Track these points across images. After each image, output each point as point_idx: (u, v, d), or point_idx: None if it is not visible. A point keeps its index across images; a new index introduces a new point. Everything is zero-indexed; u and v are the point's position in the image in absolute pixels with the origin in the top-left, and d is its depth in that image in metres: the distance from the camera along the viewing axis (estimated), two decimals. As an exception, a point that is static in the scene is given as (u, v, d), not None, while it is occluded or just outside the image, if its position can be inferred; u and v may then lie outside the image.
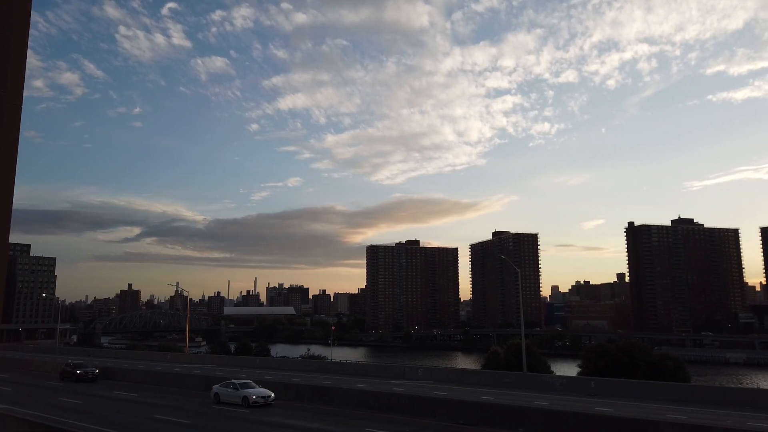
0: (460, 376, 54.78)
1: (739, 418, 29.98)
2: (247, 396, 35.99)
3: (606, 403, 35.03)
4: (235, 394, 36.78)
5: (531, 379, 46.99)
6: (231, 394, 37.06)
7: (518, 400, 35.64)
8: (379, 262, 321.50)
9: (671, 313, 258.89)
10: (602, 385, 43.34)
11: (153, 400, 39.29)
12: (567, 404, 33.79)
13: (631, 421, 27.63)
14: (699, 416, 30.35)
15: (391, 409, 33.91)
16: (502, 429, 28.50)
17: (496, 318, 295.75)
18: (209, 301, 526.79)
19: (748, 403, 36.19)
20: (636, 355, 57.43)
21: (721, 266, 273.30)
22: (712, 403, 36.32)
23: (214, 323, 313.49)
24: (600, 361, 58.64)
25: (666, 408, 33.74)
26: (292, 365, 68.37)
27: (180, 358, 77.81)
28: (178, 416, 32.12)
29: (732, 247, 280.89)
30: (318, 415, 33.12)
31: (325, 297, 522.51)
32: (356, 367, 66.29)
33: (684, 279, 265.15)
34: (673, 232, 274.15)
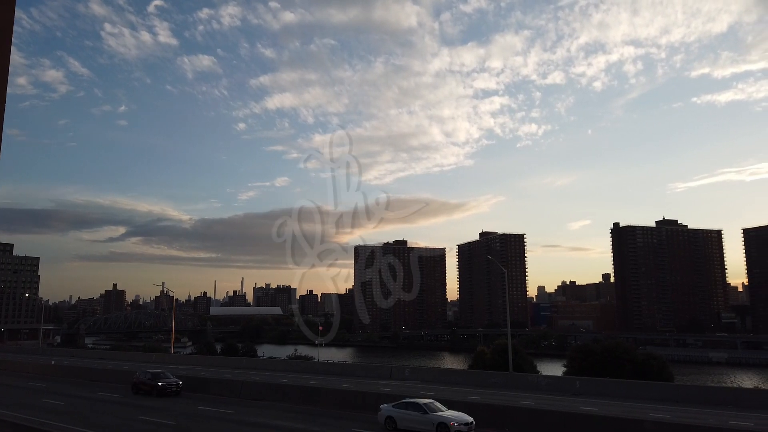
0: (447, 376, 54.98)
1: (721, 416, 30.41)
2: (444, 422, 27.05)
3: (591, 403, 35.34)
4: (423, 419, 27.86)
5: (517, 378, 47.29)
6: (416, 419, 28.11)
7: (504, 400, 35.85)
8: (365, 263, 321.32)
9: (655, 313, 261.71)
10: (587, 384, 43.73)
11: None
12: (552, 404, 34.06)
13: (616, 420, 27.93)
14: (682, 415, 30.74)
15: (378, 409, 33.92)
16: (488, 428, 28.63)
17: (483, 318, 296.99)
18: (195, 302, 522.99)
19: (730, 401, 36.75)
20: (620, 355, 57.99)
21: (705, 267, 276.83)
22: (695, 402, 36.81)
23: (200, 324, 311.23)
24: (585, 360, 59.14)
25: (650, 407, 34.13)
26: (279, 366, 68.15)
27: (165, 359, 77.19)
28: (164, 417, 31.89)
29: (715, 248, 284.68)
30: (305, 415, 33.07)
31: (312, 297, 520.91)
32: (343, 368, 66.30)
33: (668, 279, 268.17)
34: (658, 233, 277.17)
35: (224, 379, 46.43)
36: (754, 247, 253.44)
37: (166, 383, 41.68)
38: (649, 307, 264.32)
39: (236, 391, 42.19)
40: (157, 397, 40.54)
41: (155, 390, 41.36)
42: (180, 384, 42.41)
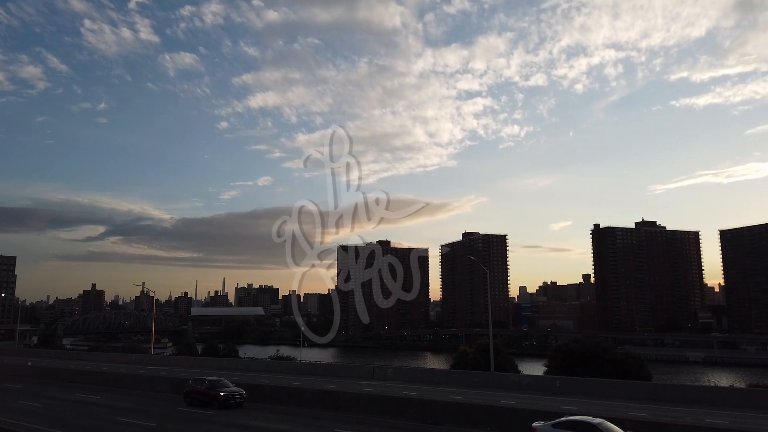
0: (429, 376, 55.13)
1: (697, 415, 30.93)
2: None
3: (571, 402, 35.71)
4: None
5: (499, 378, 47.59)
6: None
7: (486, 400, 36.06)
8: (349, 264, 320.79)
9: (634, 313, 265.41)
10: (567, 383, 44.17)
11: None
12: (533, 403, 34.35)
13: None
14: (660, 414, 31.22)
15: (360, 410, 33.93)
16: (470, 428, 28.80)
17: (465, 318, 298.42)
18: (176, 302, 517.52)
19: (706, 400, 37.39)
20: (600, 355, 58.72)
21: (682, 268, 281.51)
22: (672, 401, 37.40)
23: (180, 324, 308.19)
24: (565, 360, 59.79)
25: (628, 406, 34.60)
26: (261, 366, 67.72)
27: (145, 359, 76.28)
28: (143, 418, 31.52)
29: (692, 249, 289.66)
30: (287, 416, 32.94)
31: (295, 297, 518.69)
32: (326, 368, 66.14)
33: (647, 280, 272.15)
34: (637, 234, 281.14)
35: (205, 380, 45.91)
36: (730, 248, 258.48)
37: (229, 393, 35.76)
38: (629, 307, 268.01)
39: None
40: (218, 409, 34.55)
41: (216, 401, 35.27)
42: (243, 394, 36.34)
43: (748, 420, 29.28)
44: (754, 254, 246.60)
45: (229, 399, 35.34)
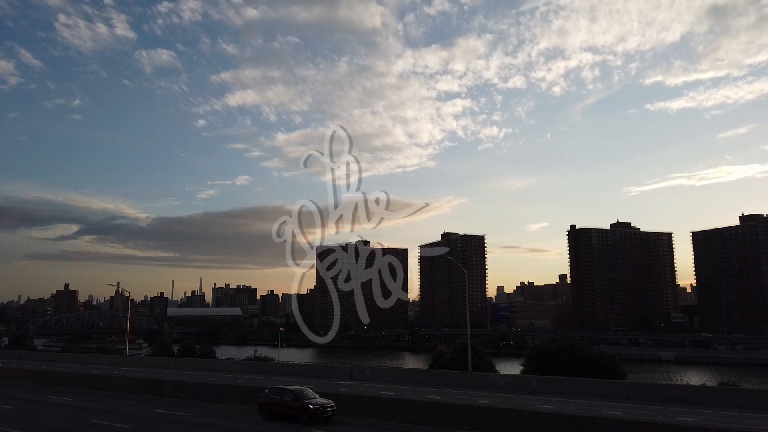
0: (408, 376, 55.35)
1: (669, 413, 31.57)
2: None
3: (547, 401, 36.16)
4: None
5: (476, 378, 47.96)
6: None
7: (463, 399, 36.30)
8: (326, 263, 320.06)
9: (609, 313, 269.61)
10: (544, 383, 44.73)
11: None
12: (510, 402, 34.69)
13: (570, 417, 28.67)
14: (633, 412, 31.82)
15: (337, 410, 33.85)
16: (447, 427, 28.96)
17: (443, 318, 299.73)
18: (152, 302, 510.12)
19: (678, 398, 38.23)
20: (576, 354, 59.46)
21: (656, 268, 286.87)
22: (645, 399, 38.15)
23: (156, 324, 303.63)
24: (542, 359, 60.42)
25: (603, 404, 35.18)
26: (238, 367, 67.19)
27: (119, 360, 75.12)
28: (116, 420, 31.03)
29: (666, 250, 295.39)
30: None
31: (273, 297, 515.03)
32: (304, 368, 65.95)
33: (621, 280, 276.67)
34: (612, 236, 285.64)
35: (181, 381, 45.49)
36: (702, 249, 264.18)
37: (319, 405, 30.43)
38: (604, 307, 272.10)
39: (193, 393, 41.37)
40: (306, 425, 29.39)
41: (304, 414, 29.94)
42: (334, 406, 30.95)
43: (718, 418, 29.98)
44: (724, 255, 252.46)
45: (320, 412, 30.12)
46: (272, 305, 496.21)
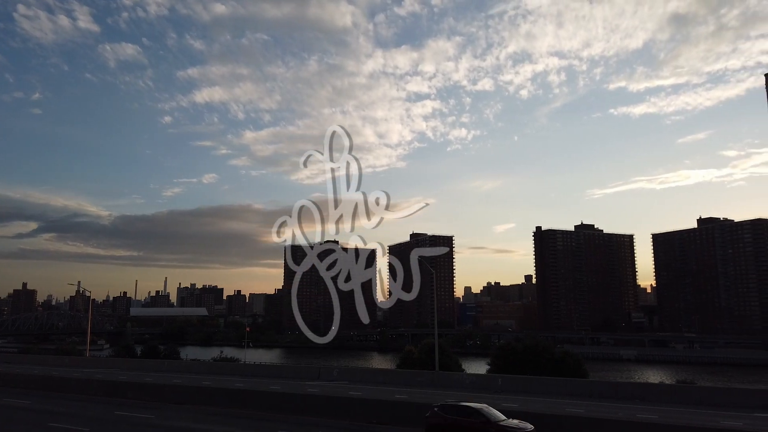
0: (375, 376, 55.45)
1: (629, 410, 32.48)
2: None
3: (512, 399, 36.72)
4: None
5: (443, 377, 48.36)
6: None
7: (430, 399, 36.56)
8: (298, 262, 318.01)
9: (573, 313, 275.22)
10: (509, 381, 45.42)
11: (51, 407, 36.69)
12: (476, 401, 35.10)
13: (535, 415, 29.19)
14: (595, 409, 32.60)
15: (305, 411, 33.74)
16: (414, 427, 29.15)
17: (412, 318, 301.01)
18: (114, 302, 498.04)
19: (638, 396, 39.31)
20: (540, 353, 60.57)
21: (618, 269, 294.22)
22: (607, 397, 39.12)
23: (119, 325, 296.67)
24: (507, 359, 61.37)
25: (566, 402, 35.91)
26: (203, 368, 66.19)
27: (80, 362, 73.11)
28: (77, 423, 30.25)
29: (627, 251, 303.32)
30: (229, 418, 32.39)
31: (240, 297, 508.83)
32: (271, 369, 65.39)
33: (584, 281, 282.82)
34: (576, 237, 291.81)
35: (144, 383, 44.59)
36: (662, 251, 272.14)
37: (515, 428, 24.23)
38: (567, 307, 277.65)
39: (157, 394, 40.61)
40: None
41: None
42: (533, 429, 24.68)
43: (675, 414, 30.96)
44: (683, 257, 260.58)
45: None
46: (239, 305, 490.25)
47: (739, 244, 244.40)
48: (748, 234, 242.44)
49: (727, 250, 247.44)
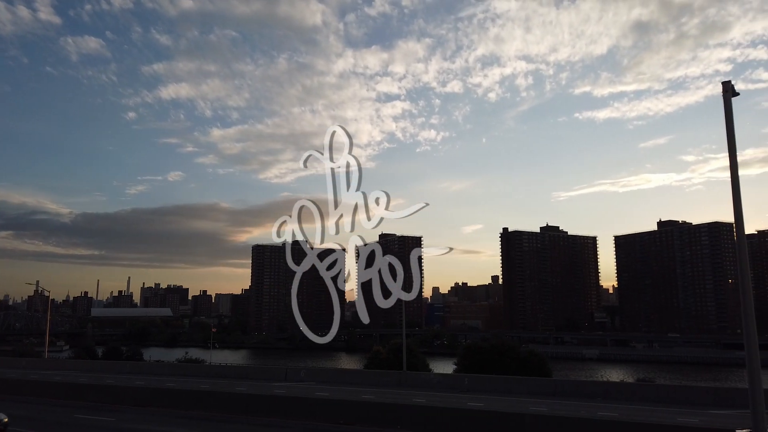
0: (343, 377, 55.44)
1: (591, 408, 33.27)
2: None
3: (478, 398, 37.23)
4: None
5: (410, 377, 48.65)
6: None
7: (397, 398, 36.78)
8: (265, 262, 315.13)
9: (538, 313, 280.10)
10: (475, 381, 45.99)
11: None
12: (442, 400, 35.50)
13: (500, 414, 29.69)
14: (558, 408, 33.29)
15: (271, 412, 33.50)
16: (381, 427, 29.26)
17: (380, 318, 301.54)
18: (75, 302, 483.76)
19: (600, 394, 40.31)
20: (506, 353, 61.38)
21: (581, 270, 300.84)
22: (570, 396, 40.00)
23: (79, 326, 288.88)
24: (474, 358, 61.98)
25: (530, 401, 36.58)
26: (167, 369, 65.01)
27: (38, 364, 70.91)
28: (34, 427, 29.37)
29: (590, 252, 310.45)
30: (193, 420, 31.92)
31: (205, 298, 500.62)
32: (237, 370, 64.65)
33: (549, 281, 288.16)
34: (541, 238, 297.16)
35: (105, 385, 43.55)
36: (623, 252, 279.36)
37: None
38: (533, 307, 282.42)
39: (119, 397, 39.72)
40: None
41: None
42: None
43: (635, 412, 31.87)
44: (643, 259, 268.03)
45: None
46: (205, 306, 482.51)
47: (696, 246, 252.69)
48: (705, 236, 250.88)
49: (685, 252, 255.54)
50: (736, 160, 16.89)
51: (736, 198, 16.68)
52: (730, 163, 16.88)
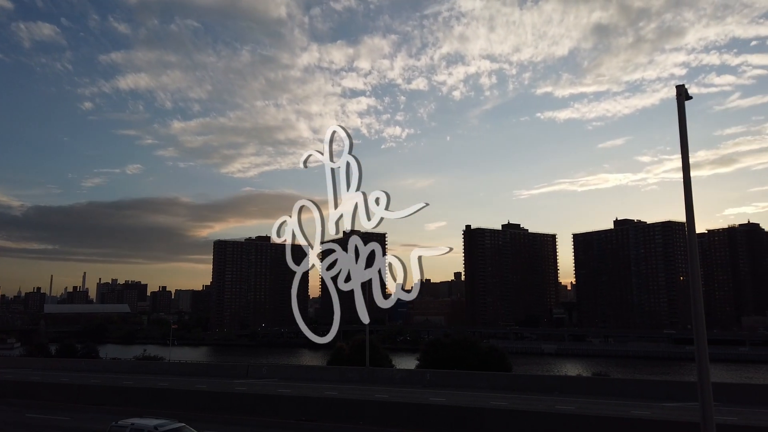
0: (306, 373, 55.17)
1: (549, 402, 34.07)
2: None
3: (440, 393, 37.67)
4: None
5: (373, 373, 48.82)
6: None
7: (360, 395, 36.87)
8: (227, 258, 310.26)
9: (499, 309, 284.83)
10: (437, 376, 46.51)
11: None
12: (405, 396, 35.75)
13: (460, 409, 30.14)
14: (518, 402, 33.98)
15: (233, 409, 33.15)
16: (343, 423, 29.33)
17: (344, 315, 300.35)
18: (27, 298, 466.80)
19: (557, 388, 41.31)
20: (468, 348, 62.23)
21: (541, 267, 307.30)
22: (529, 390, 40.86)
23: (32, 323, 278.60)
24: (436, 354, 62.61)
25: (491, 395, 37.23)
26: (125, 367, 63.49)
27: (-15, 362, 68.17)
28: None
29: (550, 250, 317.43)
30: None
31: (165, 294, 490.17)
32: (197, 368, 63.64)
33: (510, 278, 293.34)
34: (503, 236, 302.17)
35: (59, 383, 42.23)
36: (581, 250, 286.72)
37: None
38: (494, 304, 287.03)
39: (72, 396, 38.57)
40: None
41: None
42: None
43: (590, 405, 32.80)
44: (600, 256, 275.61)
45: None
46: (164, 302, 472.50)
47: (650, 244, 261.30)
48: (659, 235, 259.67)
49: (639, 250, 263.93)
50: (689, 162, 17.50)
51: (687, 198, 17.29)
52: (682, 165, 17.48)
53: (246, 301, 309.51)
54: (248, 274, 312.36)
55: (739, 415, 28.34)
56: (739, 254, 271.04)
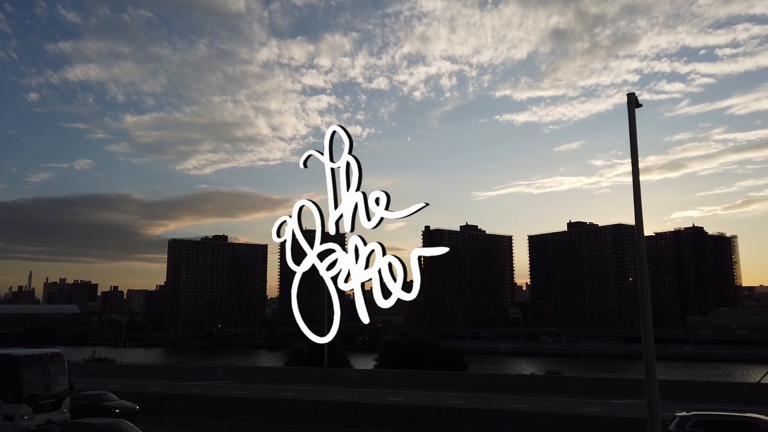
0: (263, 374, 54.59)
1: (504, 400, 34.76)
2: None
3: (398, 393, 37.90)
4: None
5: (331, 373, 48.70)
6: None
7: (317, 395, 36.73)
8: (182, 258, 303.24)
9: (457, 309, 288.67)
10: (395, 376, 46.78)
11: None
12: (363, 396, 35.83)
13: (417, 408, 30.45)
14: (474, 400, 34.54)
15: (186, 412, 32.51)
16: (300, 424, 29.19)
17: (303, 315, 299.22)
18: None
19: (512, 387, 42.18)
20: (425, 348, 62.81)
21: (497, 268, 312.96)
22: (485, 389, 41.56)
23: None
24: (394, 354, 62.97)
25: (448, 395, 37.71)
26: (73, 370, 61.14)
27: None
28: None
29: (506, 251, 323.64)
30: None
31: (117, 294, 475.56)
32: (150, 369, 62.03)
33: (468, 279, 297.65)
34: (461, 237, 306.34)
35: None
36: (536, 251, 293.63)
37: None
38: (452, 304, 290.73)
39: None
40: None
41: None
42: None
43: (544, 403, 33.63)
44: (554, 258, 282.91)
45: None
46: (116, 302, 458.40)
47: (601, 246, 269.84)
48: (610, 237, 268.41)
49: (591, 251, 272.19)
50: (638, 167, 18.21)
51: (637, 202, 17.98)
52: (632, 169, 18.17)
53: (202, 301, 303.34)
54: (204, 274, 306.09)
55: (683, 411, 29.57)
56: (684, 256, 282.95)
